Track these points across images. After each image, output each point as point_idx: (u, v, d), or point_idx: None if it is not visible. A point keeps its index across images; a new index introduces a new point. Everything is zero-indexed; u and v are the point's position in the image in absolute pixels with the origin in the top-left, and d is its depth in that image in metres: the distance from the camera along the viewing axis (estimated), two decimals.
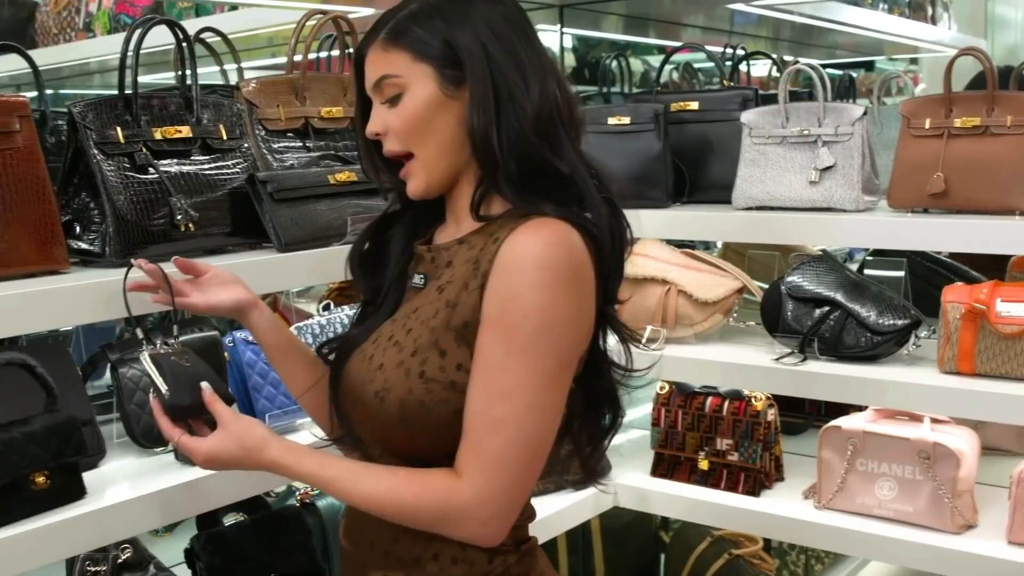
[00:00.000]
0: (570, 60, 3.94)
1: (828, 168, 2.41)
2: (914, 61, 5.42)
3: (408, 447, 1.46)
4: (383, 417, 1.45)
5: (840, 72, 3.71)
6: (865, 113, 2.42)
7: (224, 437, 1.47)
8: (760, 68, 3.91)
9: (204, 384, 1.51)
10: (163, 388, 1.51)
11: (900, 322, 2.36)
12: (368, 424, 1.49)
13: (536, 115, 1.45)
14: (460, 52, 1.45)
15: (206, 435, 1.50)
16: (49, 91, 2.15)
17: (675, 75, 3.86)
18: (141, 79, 1.90)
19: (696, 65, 3.95)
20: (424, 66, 1.46)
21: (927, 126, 2.31)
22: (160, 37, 1.96)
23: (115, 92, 1.89)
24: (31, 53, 2.15)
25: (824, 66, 2.55)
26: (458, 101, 1.47)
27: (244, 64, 2.49)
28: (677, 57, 3.88)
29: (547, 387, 1.41)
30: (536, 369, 1.39)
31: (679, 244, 2.87)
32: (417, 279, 1.54)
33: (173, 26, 1.98)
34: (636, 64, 4.10)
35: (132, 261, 1.63)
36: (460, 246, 1.50)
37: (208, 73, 2.41)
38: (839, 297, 2.42)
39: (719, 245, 3.19)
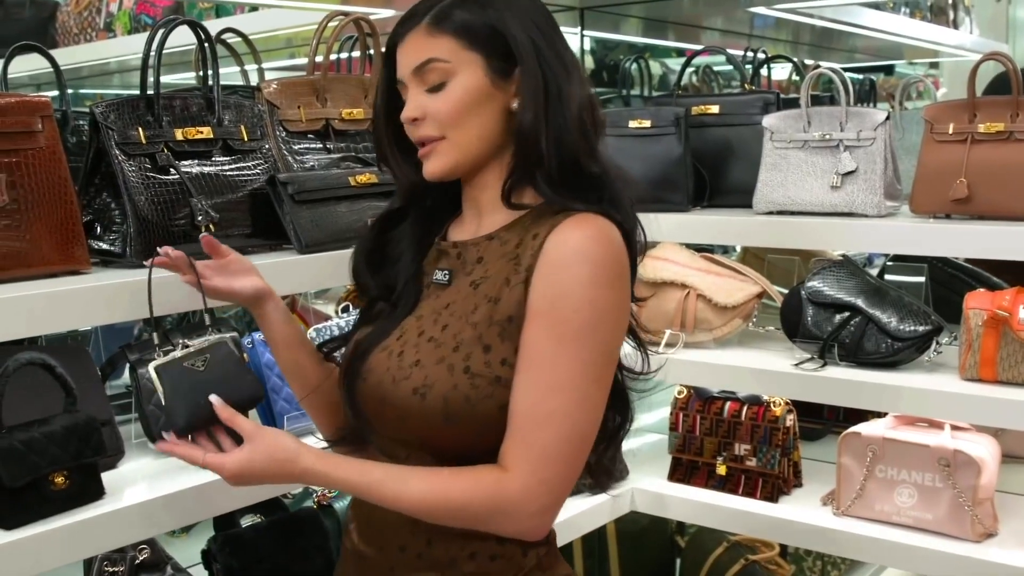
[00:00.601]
0: (588, 62, 3.93)
1: (850, 173, 2.40)
2: (934, 65, 5.40)
3: (449, 444, 1.45)
4: (423, 414, 1.43)
5: (860, 76, 3.70)
6: (888, 118, 2.41)
7: (251, 452, 1.44)
8: (780, 72, 3.90)
9: (214, 398, 1.45)
10: (164, 411, 1.46)
11: (921, 328, 2.34)
12: (403, 422, 1.47)
13: (578, 114, 1.47)
14: (512, 44, 1.46)
15: (229, 447, 1.46)
16: (69, 91, 2.15)
17: (694, 78, 3.84)
18: (163, 79, 1.90)
19: (716, 68, 3.93)
20: (472, 54, 1.46)
21: (950, 131, 2.30)
22: (180, 38, 1.96)
23: (136, 92, 1.89)
24: (52, 53, 2.16)
25: (844, 70, 2.54)
26: (502, 92, 1.48)
27: (263, 65, 2.49)
28: (696, 60, 3.88)
29: (595, 380, 1.43)
30: (586, 362, 1.40)
31: (699, 248, 2.86)
32: (440, 275, 1.54)
33: (195, 27, 1.98)
34: (655, 67, 4.09)
35: (158, 249, 1.61)
36: (490, 242, 1.51)
37: (228, 74, 2.42)
38: (860, 303, 2.41)
39: (738, 249, 3.17)
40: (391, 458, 1.51)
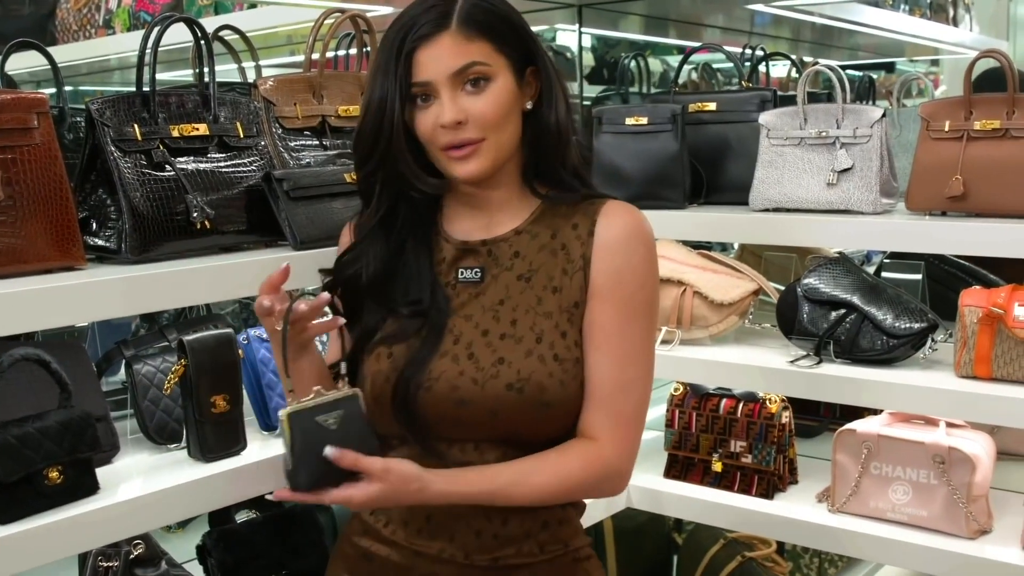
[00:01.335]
0: (589, 60, 3.93)
1: (846, 170, 2.40)
2: (936, 63, 5.40)
3: (537, 430, 1.54)
4: (521, 406, 1.51)
5: (860, 73, 3.69)
6: (884, 115, 2.41)
7: (380, 489, 1.45)
8: (779, 69, 3.89)
9: (331, 451, 1.42)
10: (288, 462, 1.42)
11: (916, 325, 2.34)
12: (492, 418, 1.52)
13: (573, 113, 1.59)
14: (531, 46, 1.55)
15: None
16: (68, 88, 2.16)
17: (694, 75, 3.84)
18: (161, 76, 1.91)
19: (716, 66, 3.94)
20: (503, 57, 1.53)
21: (946, 128, 2.30)
22: (180, 35, 1.97)
23: (133, 89, 1.90)
24: (51, 50, 2.16)
25: (844, 67, 2.53)
26: (522, 95, 1.57)
27: (263, 62, 2.49)
28: (696, 57, 3.88)
29: (653, 349, 1.61)
30: (649, 332, 1.59)
31: (696, 245, 2.87)
32: (470, 273, 1.60)
33: (191, 24, 1.98)
34: (656, 64, 4.10)
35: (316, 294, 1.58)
36: (519, 236, 1.60)
37: (227, 71, 2.42)
38: (855, 300, 2.41)
39: (735, 246, 3.18)
40: (449, 458, 1.56)
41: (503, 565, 1.57)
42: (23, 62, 2.31)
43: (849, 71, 2.60)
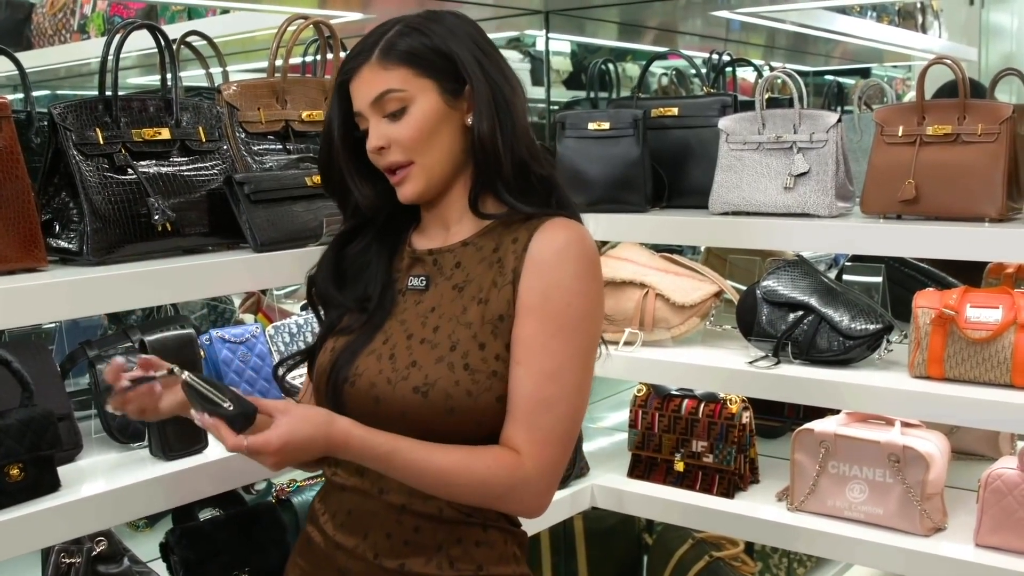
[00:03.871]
0: (566, 66, 3.97)
1: (802, 174, 2.44)
2: (911, 69, 5.44)
3: (448, 435, 1.53)
4: (426, 409, 1.52)
5: (830, 79, 3.73)
6: (839, 120, 2.45)
7: (290, 422, 1.44)
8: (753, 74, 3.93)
9: (237, 391, 1.46)
10: (226, 404, 1.43)
11: (872, 327, 2.39)
12: (402, 418, 1.53)
13: (523, 121, 1.59)
14: (459, 65, 1.56)
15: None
16: (46, 92, 2.19)
17: (664, 80, 3.88)
18: (140, 81, 1.93)
19: (693, 71, 3.97)
20: (425, 80, 1.56)
21: (900, 133, 2.34)
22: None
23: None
24: (26, 54, 2.18)
25: (820, 73, 2.57)
26: (457, 111, 1.58)
27: (244, 67, 2.52)
28: (671, 64, 3.92)
29: (586, 367, 1.56)
30: (578, 350, 1.54)
31: (660, 248, 2.90)
32: (416, 281, 1.63)
33: (154, 30, 2.01)
34: (635, 70, 4.13)
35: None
36: (465, 248, 1.61)
37: (200, 76, 2.45)
38: (813, 302, 2.45)
39: (702, 250, 3.21)
40: None
41: (409, 572, 1.56)
42: (3, 66, 2.34)
43: (827, 76, 2.63)
